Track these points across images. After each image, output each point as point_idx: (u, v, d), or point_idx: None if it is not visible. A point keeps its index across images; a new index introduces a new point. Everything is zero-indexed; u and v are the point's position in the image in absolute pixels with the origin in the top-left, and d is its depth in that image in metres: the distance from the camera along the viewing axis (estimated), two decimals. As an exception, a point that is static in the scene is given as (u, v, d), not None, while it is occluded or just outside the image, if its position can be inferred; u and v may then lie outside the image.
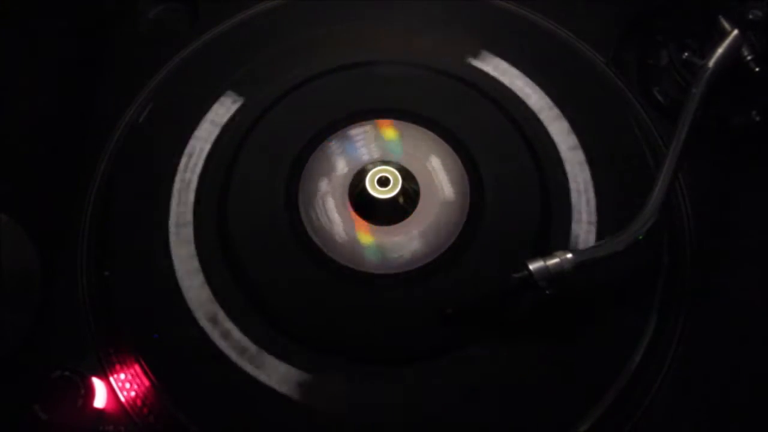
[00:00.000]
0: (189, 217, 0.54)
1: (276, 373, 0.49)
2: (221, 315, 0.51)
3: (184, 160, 0.56)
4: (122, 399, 0.50)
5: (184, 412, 0.49)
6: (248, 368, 0.49)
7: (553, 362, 0.50)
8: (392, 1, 0.62)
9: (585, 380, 0.49)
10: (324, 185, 0.54)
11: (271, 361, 0.50)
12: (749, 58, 0.51)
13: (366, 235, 0.53)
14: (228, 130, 0.56)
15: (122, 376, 0.50)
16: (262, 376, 0.49)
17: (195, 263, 0.52)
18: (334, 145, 0.55)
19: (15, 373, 0.49)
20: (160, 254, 0.53)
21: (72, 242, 0.54)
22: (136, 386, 0.50)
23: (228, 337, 0.50)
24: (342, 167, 0.55)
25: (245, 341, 0.50)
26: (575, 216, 0.53)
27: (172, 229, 0.54)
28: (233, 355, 0.50)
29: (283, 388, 0.49)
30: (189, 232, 0.53)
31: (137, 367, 0.50)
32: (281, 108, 0.57)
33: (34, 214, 0.53)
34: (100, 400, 0.49)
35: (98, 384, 0.49)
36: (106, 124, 0.58)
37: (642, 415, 0.49)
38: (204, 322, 0.51)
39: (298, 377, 0.49)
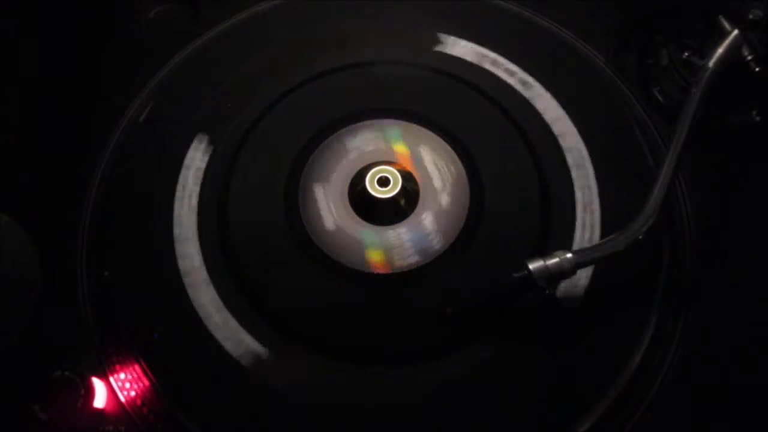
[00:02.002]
0: (190, 216, 0.54)
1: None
2: (223, 314, 0.51)
3: (184, 159, 0.55)
4: (122, 399, 0.49)
5: (184, 412, 0.49)
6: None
7: (554, 362, 0.49)
8: (392, 0, 0.62)
9: (585, 380, 0.49)
10: (324, 185, 0.54)
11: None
12: (749, 58, 0.51)
13: (366, 235, 0.52)
14: (228, 130, 0.56)
15: (122, 376, 0.50)
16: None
17: (196, 262, 0.52)
18: (333, 146, 0.55)
19: (15, 373, 0.49)
20: (159, 254, 0.53)
21: (72, 242, 0.54)
22: (136, 386, 0.50)
23: (229, 336, 0.50)
24: (342, 167, 0.54)
25: (247, 340, 0.50)
26: (575, 215, 0.53)
27: (172, 228, 0.53)
28: (234, 355, 0.50)
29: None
30: (190, 231, 0.53)
31: (137, 367, 0.50)
32: (280, 109, 0.57)
33: (34, 214, 0.53)
34: (100, 400, 0.49)
35: (98, 384, 0.49)
36: (106, 124, 0.58)
37: (642, 415, 0.49)
38: (205, 322, 0.50)
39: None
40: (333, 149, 0.55)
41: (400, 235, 0.52)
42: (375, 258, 0.52)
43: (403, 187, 0.53)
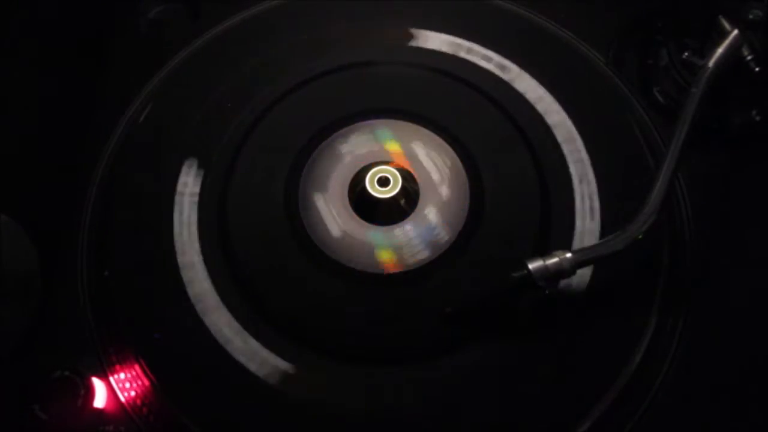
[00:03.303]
0: (191, 216, 0.54)
1: (277, 373, 0.49)
2: (223, 314, 0.51)
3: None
4: (122, 399, 0.49)
5: (184, 412, 0.49)
6: (252, 368, 0.49)
7: (553, 362, 0.49)
8: (391, 0, 0.62)
9: (585, 380, 0.49)
10: (324, 189, 0.54)
11: (272, 359, 0.49)
12: (749, 58, 0.51)
13: (366, 235, 0.52)
14: (229, 130, 0.56)
15: (122, 376, 0.50)
16: (263, 376, 0.49)
17: (196, 262, 0.52)
18: (330, 149, 0.55)
19: (15, 373, 0.49)
20: (160, 254, 0.53)
21: (72, 242, 0.54)
22: (136, 386, 0.50)
23: (230, 336, 0.50)
24: (340, 169, 0.54)
25: (249, 341, 0.50)
26: (575, 215, 0.53)
27: (172, 228, 0.53)
28: (235, 355, 0.49)
29: (284, 388, 0.49)
30: (190, 231, 0.53)
31: (137, 367, 0.50)
32: (280, 108, 0.57)
33: (34, 214, 0.53)
34: (100, 400, 0.49)
35: (98, 384, 0.49)
36: (106, 124, 0.58)
37: (642, 415, 0.49)
38: (205, 322, 0.50)
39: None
40: (330, 153, 0.55)
41: (399, 235, 0.52)
42: (374, 258, 0.52)
43: (403, 186, 0.53)
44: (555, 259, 0.47)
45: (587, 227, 0.53)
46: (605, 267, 0.50)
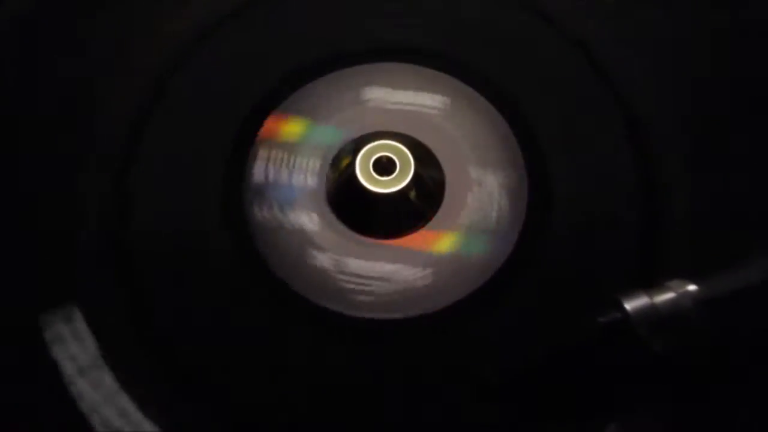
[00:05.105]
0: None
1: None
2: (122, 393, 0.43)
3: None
4: None
5: None
6: None
7: None
8: None
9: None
10: (286, 176, 0.47)
11: None
12: None
13: (357, 254, 0.46)
14: (136, 74, 0.50)
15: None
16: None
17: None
18: (302, 107, 0.49)
19: None
20: (20, 286, 0.45)
21: None
22: None
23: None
24: (317, 141, 0.48)
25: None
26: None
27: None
28: None
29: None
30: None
31: None
32: (217, 45, 0.51)
33: None
34: None
35: None
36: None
37: None
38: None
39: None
40: (296, 119, 0.48)
41: (411, 255, 0.46)
42: (370, 293, 0.45)
43: (416, 173, 0.45)
44: (668, 295, 0.41)
45: (715, 241, 0.47)
46: (749, 307, 0.43)
